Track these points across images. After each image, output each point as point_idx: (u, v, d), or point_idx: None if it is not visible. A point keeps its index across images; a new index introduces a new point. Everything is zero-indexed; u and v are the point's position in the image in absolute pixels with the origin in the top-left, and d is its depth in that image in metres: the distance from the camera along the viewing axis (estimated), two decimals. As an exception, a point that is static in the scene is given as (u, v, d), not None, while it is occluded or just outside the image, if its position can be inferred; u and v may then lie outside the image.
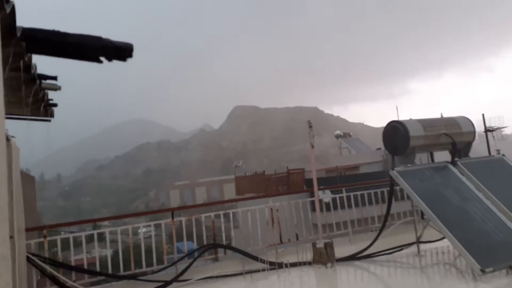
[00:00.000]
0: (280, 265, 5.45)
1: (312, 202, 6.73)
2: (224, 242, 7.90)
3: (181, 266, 5.83)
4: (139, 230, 6.96)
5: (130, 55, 1.42)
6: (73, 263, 5.61)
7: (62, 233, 7.45)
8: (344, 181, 15.36)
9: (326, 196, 8.22)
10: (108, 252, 5.93)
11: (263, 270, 5.43)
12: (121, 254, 5.81)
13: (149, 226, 6.81)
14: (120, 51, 1.38)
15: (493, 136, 10.75)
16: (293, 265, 5.45)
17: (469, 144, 6.00)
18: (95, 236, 6.04)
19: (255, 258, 5.77)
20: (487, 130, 10.38)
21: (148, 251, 6.15)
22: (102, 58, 1.39)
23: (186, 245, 6.68)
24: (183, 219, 6.56)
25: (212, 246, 6.17)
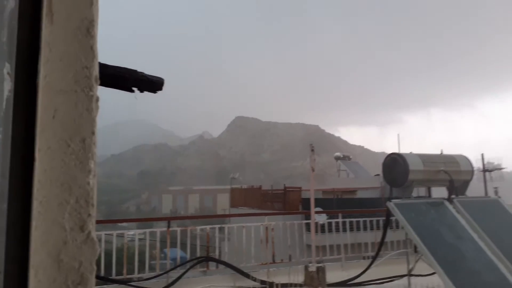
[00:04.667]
0: (271, 285, 5.49)
1: (307, 224, 6.79)
2: (217, 254, 7.93)
3: (172, 274, 5.87)
4: (128, 233, 7.02)
5: (161, 89, 1.52)
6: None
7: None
8: (341, 204, 15.42)
9: (321, 218, 8.29)
10: (102, 255, 5.97)
11: (254, 288, 5.47)
12: (115, 257, 5.86)
13: (144, 232, 6.86)
14: (153, 85, 1.49)
15: (491, 176, 10.91)
16: (284, 286, 5.49)
17: (466, 183, 6.11)
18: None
19: (246, 276, 5.81)
20: (485, 170, 10.53)
21: (138, 255, 6.19)
22: (134, 89, 1.49)
23: (179, 254, 6.72)
24: (179, 229, 6.61)
25: (205, 259, 6.21)
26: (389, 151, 6.10)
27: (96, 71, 0.68)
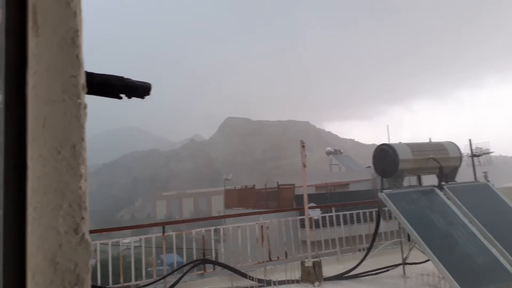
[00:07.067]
0: (268, 283, 5.52)
1: (302, 220, 6.85)
2: (213, 257, 7.95)
3: (170, 279, 5.88)
4: (123, 241, 7.03)
5: (148, 94, 1.55)
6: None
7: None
8: (334, 198, 15.54)
9: (316, 213, 8.34)
10: (98, 264, 5.96)
11: (252, 287, 5.50)
12: (111, 266, 5.85)
13: (139, 239, 6.84)
14: (140, 90, 1.51)
15: (479, 161, 11.14)
16: (281, 283, 5.53)
17: (455, 169, 6.20)
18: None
19: (243, 275, 5.84)
20: (474, 155, 10.72)
21: (135, 262, 6.19)
22: (122, 95, 1.52)
23: (175, 259, 6.73)
24: (174, 234, 6.62)
25: (202, 262, 6.23)
26: (379, 143, 6.17)
27: (82, 79, 0.70)
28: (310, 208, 6.95)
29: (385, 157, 5.73)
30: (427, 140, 6.70)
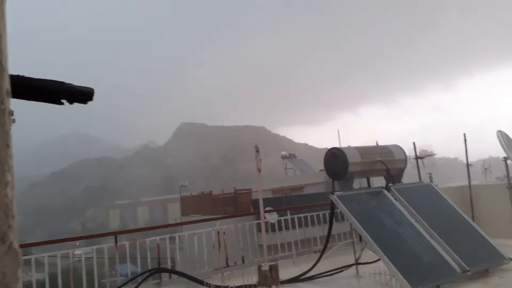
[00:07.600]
0: (225, 289, 5.50)
1: (258, 224, 6.89)
2: (169, 265, 7.80)
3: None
4: (75, 252, 6.74)
5: (91, 99, 1.51)
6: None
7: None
8: (289, 201, 15.74)
9: (272, 217, 8.43)
10: (46, 277, 5.66)
11: (209, 294, 5.45)
12: (61, 280, 5.59)
13: (91, 250, 6.58)
14: (82, 96, 1.47)
15: (423, 163, 11.84)
16: (239, 288, 5.53)
17: (401, 171, 6.51)
18: (33, 260, 5.74)
19: (200, 282, 5.78)
20: (418, 157, 11.38)
21: (87, 274, 5.95)
22: (63, 101, 1.47)
23: (129, 269, 6.53)
24: (127, 243, 6.43)
25: (157, 271, 6.09)
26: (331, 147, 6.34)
27: (6, 84, 0.67)
28: (266, 212, 7.01)
29: (336, 160, 5.91)
30: (374, 144, 6.98)
